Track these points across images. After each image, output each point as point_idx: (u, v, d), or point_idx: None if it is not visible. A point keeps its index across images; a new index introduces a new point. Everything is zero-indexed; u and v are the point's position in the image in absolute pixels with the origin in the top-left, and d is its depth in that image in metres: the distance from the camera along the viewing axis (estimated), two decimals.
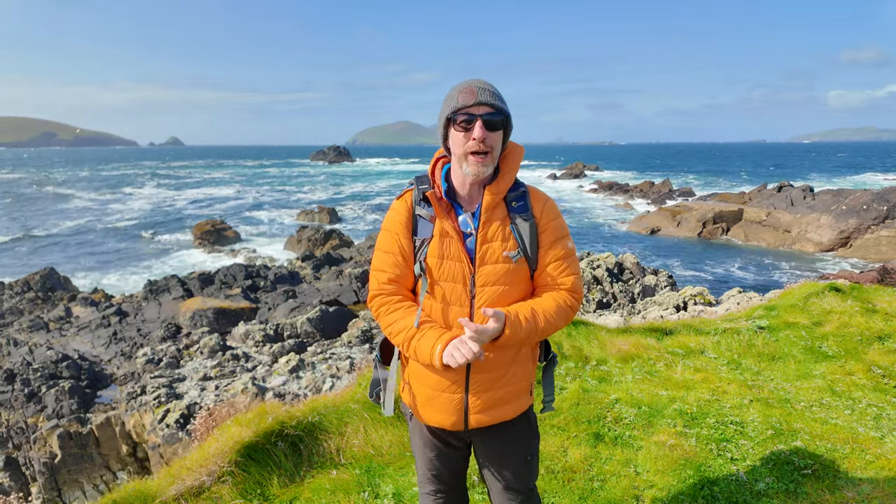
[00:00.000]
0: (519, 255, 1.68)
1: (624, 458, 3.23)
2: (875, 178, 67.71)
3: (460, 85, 1.65)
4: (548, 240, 1.72)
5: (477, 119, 1.58)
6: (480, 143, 1.59)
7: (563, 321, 1.69)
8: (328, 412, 3.48)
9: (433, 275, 1.70)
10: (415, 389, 1.82)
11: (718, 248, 27.89)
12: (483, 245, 1.68)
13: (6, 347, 12.44)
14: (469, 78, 1.67)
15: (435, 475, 1.94)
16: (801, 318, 5.79)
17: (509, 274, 1.68)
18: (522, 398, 1.81)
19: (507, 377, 1.75)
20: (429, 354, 1.60)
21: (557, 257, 1.71)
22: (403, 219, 1.75)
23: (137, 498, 2.73)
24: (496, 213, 1.69)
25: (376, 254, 1.80)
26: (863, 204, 26.23)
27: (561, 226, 1.75)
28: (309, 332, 11.28)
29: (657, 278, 14.87)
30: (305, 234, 27.38)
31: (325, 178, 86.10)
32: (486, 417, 1.75)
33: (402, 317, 1.71)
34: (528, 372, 1.81)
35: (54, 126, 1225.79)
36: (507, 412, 1.77)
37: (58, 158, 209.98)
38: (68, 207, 49.56)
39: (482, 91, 1.59)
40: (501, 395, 1.75)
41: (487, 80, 1.87)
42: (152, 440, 6.48)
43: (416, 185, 1.77)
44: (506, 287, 1.68)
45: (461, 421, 1.75)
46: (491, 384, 1.73)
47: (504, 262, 1.67)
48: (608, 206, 44.05)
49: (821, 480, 2.96)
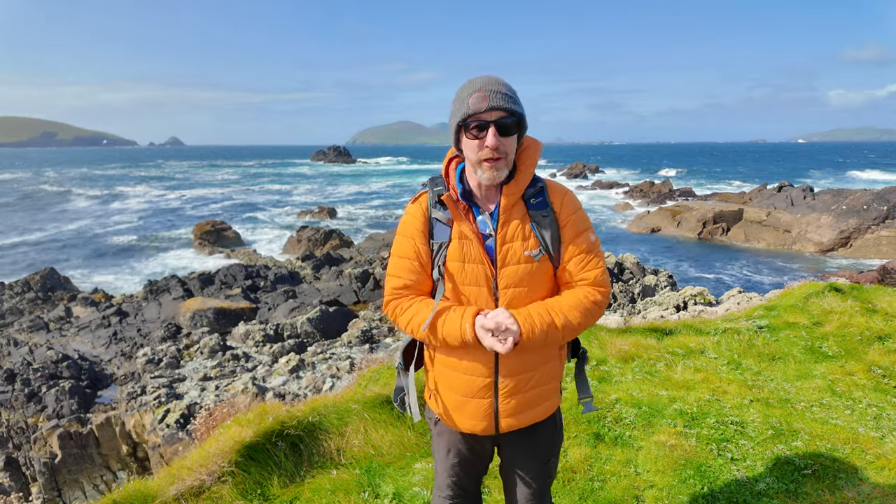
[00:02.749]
0: (541, 253, 1.63)
1: (624, 458, 3.23)
2: (876, 177, 67.69)
3: (470, 85, 1.57)
4: (569, 234, 1.66)
5: (490, 126, 1.53)
6: (494, 151, 1.54)
7: (588, 317, 1.63)
8: (328, 412, 3.48)
9: (455, 279, 1.66)
10: (443, 396, 1.78)
11: (718, 248, 27.88)
12: (503, 246, 1.63)
13: (6, 347, 12.44)
14: (478, 76, 1.59)
15: (455, 481, 1.91)
16: (802, 318, 5.79)
17: (532, 274, 1.64)
18: (552, 398, 1.78)
19: (536, 379, 1.71)
20: (458, 331, 1.57)
21: (580, 251, 1.66)
22: (419, 223, 1.70)
23: (137, 498, 2.73)
24: (515, 212, 1.65)
25: (392, 259, 1.77)
26: (863, 204, 26.23)
27: (582, 218, 1.69)
28: (309, 332, 11.28)
29: (657, 278, 14.87)
30: (305, 234, 27.37)
31: (325, 178, 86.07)
32: (516, 421, 1.72)
33: (419, 310, 1.67)
34: (556, 372, 1.77)
35: (54, 126, 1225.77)
36: (537, 414, 1.75)
37: (57, 158, 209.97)
38: (68, 208, 49.55)
39: (494, 95, 1.52)
40: (531, 396, 1.71)
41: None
42: (152, 440, 6.48)
43: (431, 188, 1.71)
44: (529, 287, 1.64)
45: (492, 426, 1.72)
46: (520, 387, 1.69)
47: (526, 261, 1.63)
48: (608, 206, 44.05)
49: (821, 480, 2.96)
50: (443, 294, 1.66)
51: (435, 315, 1.62)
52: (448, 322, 1.60)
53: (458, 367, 1.71)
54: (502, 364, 1.67)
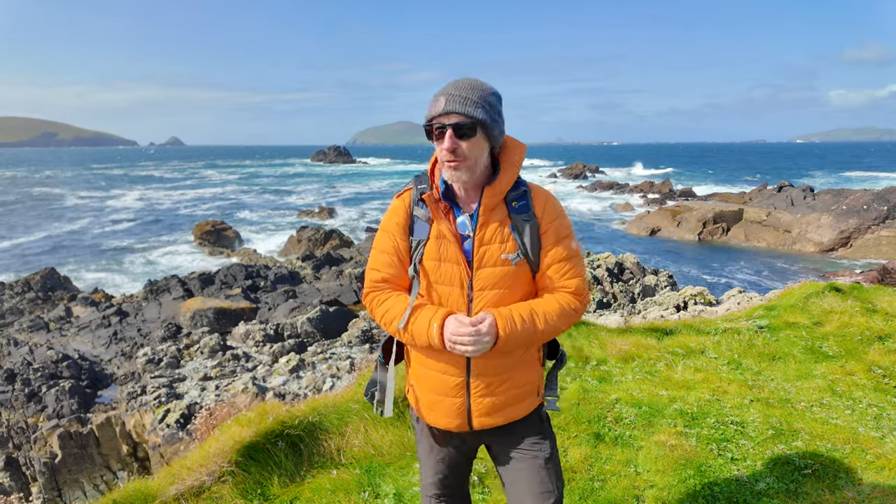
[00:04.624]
0: (518, 257, 1.63)
1: (624, 457, 3.23)
2: (876, 177, 67.67)
3: (440, 90, 1.61)
4: (549, 240, 1.66)
5: (447, 128, 1.55)
6: (451, 153, 1.56)
7: (564, 324, 1.64)
8: (329, 412, 3.48)
9: (430, 277, 1.67)
10: (418, 393, 1.80)
11: (719, 248, 27.89)
12: (480, 248, 1.63)
13: (6, 347, 12.44)
14: (457, 79, 1.63)
15: (440, 479, 1.92)
16: (802, 318, 5.79)
17: (508, 277, 1.64)
18: (528, 399, 1.77)
19: (511, 381, 1.71)
20: (426, 334, 1.58)
21: (559, 258, 1.65)
22: (401, 219, 1.72)
23: (138, 498, 2.73)
24: (495, 215, 1.65)
25: (372, 253, 1.79)
26: (863, 204, 26.23)
27: (563, 226, 1.68)
28: (309, 332, 11.28)
29: (657, 278, 14.86)
30: (305, 234, 27.37)
31: (325, 178, 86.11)
32: (489, 420, 1.73)
33: (395, 303, 1.69)
34: (532, 375, 1.77)
35: (54, 126, 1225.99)
36: (511, 413, 1.74)
37: (57, 159, 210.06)
38: (68, 207, 49.56)
39: (452, 99, 1.55)
40: (504, 399, 1.71)
41: (485, 78, 1.83)
42: (152, 440, 6.48)
43: (415, 185, 1.74)
44: (505, 290, 1.64)
45: (465, 423, 1.73)
46: (492, 389, 1.69)
47: (503, 264, 1.63)
48: (608, 207, 44.06)
49: (821, 480, 2.96)
50: (418, 292, 1.67)
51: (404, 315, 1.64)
52: (418, 322, 1.61)
53: (432, 366, 1.72)
54: (474, 365, 1.67)
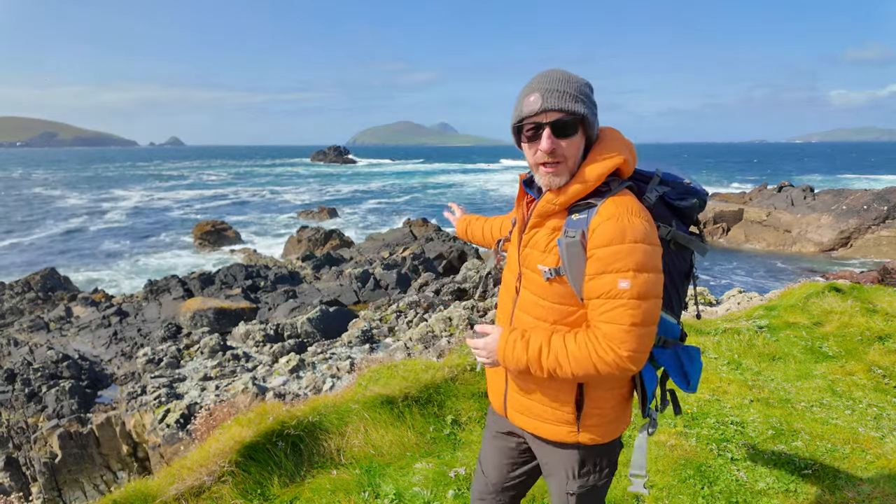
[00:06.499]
0: (552, 274, 1.45)
1: (624, 458, 3.23)
2: (876, 177, 67.65)
3: (528, 85, 1.45)
4: (592, 269, 1.37)
5: (544, 128, 1.39)
6: (548, 155, 1.41)
7: (584, 370, 1.40)
8: (329, 412, 3.48)
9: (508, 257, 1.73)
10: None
11: (719, 248, 27.89)
12: (524, 249, 1.56)
13: (6, 347, 12.45)
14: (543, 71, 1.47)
15: (483, 471, 1.86)
16: (802, 318, 5.79)
17: (545, 289, 1.49)
18: (556, 426, 1.58)
19: (538, 394, 1.58)
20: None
21: (599, 294, 1.37)
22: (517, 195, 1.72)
23: (138, 498, 2.73)
24: (550, 220, 1.50)
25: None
26: (863, 204, 26.24)
27: (614, 256, 1.34)
28: (309, 332, 11.28)
29: None
30: (306, 234, 27.38)
31: (325, 178, 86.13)
32: (519, 417, 1.66)
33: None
34: (565, 402, 1.56)
35: (54, 126, 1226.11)
36: (537, 427, 1.61)
37: (57, 159, 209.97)
38: (68, 207, 49.57)
39: (549, 94, 1.38)
40: (529, 405, 1.62)
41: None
42: (153, 440, 6.48)
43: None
44: (541, 299, 1.51)
45: (502, 408, 1.72)
46: (523, 391, 1.62)
47: (539, 274, 1.50)
48: None
49: (821, 480, 2.96)
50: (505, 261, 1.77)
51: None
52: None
53: None
54: None
